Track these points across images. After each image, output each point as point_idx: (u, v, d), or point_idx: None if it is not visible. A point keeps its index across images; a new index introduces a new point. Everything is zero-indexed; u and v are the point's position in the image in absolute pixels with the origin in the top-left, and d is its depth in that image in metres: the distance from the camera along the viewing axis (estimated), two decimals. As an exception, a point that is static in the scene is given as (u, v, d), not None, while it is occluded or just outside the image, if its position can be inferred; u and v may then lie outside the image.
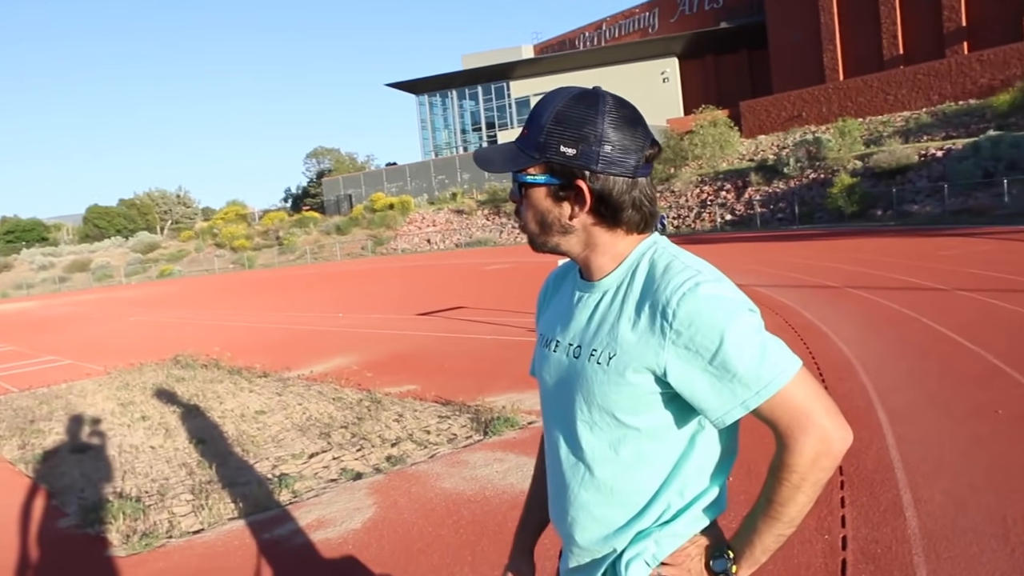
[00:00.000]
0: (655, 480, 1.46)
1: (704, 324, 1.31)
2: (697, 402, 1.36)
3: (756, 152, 43.21)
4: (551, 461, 1.60)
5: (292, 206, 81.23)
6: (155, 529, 4.96)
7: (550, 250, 1.51)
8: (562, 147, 1.39)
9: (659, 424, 1.43)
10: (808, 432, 1.32)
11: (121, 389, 10.02)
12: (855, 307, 10.63)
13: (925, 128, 36.48)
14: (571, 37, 68.37)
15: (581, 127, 1.38)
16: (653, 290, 1.38)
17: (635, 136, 1.41)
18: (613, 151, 1.39)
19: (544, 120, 1.40)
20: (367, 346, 12.00)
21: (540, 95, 7.30)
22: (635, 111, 1.44)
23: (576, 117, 1.38)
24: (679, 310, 1.32)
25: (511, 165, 1.45)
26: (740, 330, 1.32)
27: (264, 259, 57.76)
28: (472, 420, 6.75)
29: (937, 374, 6.74)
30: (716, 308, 1.32)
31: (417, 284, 24.56)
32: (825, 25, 46.35)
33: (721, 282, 1.36)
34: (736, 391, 1.32)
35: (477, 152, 1.52)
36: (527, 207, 1.48)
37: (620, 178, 1.40)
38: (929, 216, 27.81)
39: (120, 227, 78.56)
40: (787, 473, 1.34)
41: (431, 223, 54.59)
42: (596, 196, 1.41)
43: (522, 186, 1.46)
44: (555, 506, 1.60)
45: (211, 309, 23.65)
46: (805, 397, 1.33)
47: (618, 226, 1.45)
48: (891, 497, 4.22)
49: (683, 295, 1.33)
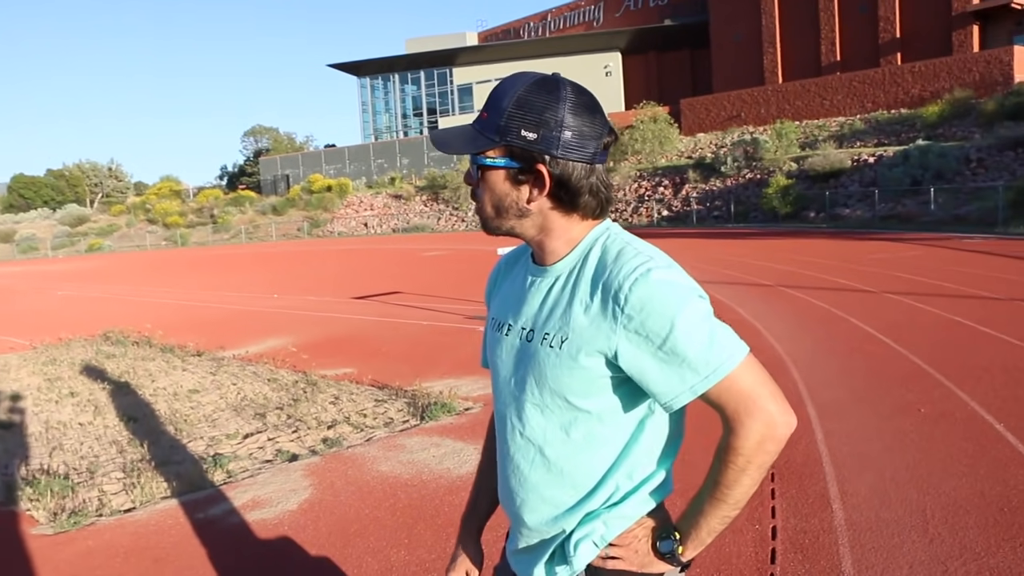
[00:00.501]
0: (605, 462, 1.49)
1: (655, 309, 1.34)
2: (647, 385, 1.39)
3: (695, 150, 43.80)
4: (501, 443, 1.63)
5: (228, 184, 79.84)
6: (84, 507, 4.87)
7: (504, 233, 1.52)
8: (523, 131, 1.40)
9: (610, 407, 1.46)
10: (754, 416, 1.36)
11: (48, 364, 9.78)
12: (787, 306, 10.88)
13: (859, 134, 37.37)
14: (516, 26, 68.33)
15: (542, 112, 1.40)
16: (606, 275, 1.41)
17: (594, 123, 1.44)
18: (573, 137, 1.41)
19: (505, 104, 1.41)
20: (302, 328, 11.89)
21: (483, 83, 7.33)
22: (593, 99, 1.47)
23: (537, 102, 1.40)
24: (631, 295, 1.35)
25: (470, 147, 1.46)
26: (690, 316, 1.35)
27: (198, 237, 56.70)
28: (409, 405, 6.76)
29: (864, 373, 6.95)
30: (667, 294, 1.35)
31: (353, 268, 24.39)
32: (766, 28, 47.16)
33: (672, 268, 1.40)
34: (685, 376, 1.36)
35: (435, 133, 1.52)
36: (484, 189, 1.48)
37: (579, 164, 1.43)
38: (860, 220, 28.52)
39: (47, 198, 76.17)
40: (733, 456, 1.38)
41: (369, 207, 54.20)
42: (555, 181, 1.43)
43: (480, 168, 1.47)
44: (504, 488, 1.62)
45: (142, 286, 23.15)
46: (752, 382, 1.37)
47: (574, 211, 1.47)
48: (819, 489, 4.35)
49: (635, 280, 1.36)
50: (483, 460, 1.89)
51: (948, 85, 36.59)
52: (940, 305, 9.97)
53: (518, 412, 1.55)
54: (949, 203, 26.73)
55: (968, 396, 5.95)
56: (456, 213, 48.72)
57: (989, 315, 9.10)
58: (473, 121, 1.49)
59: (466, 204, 48.53)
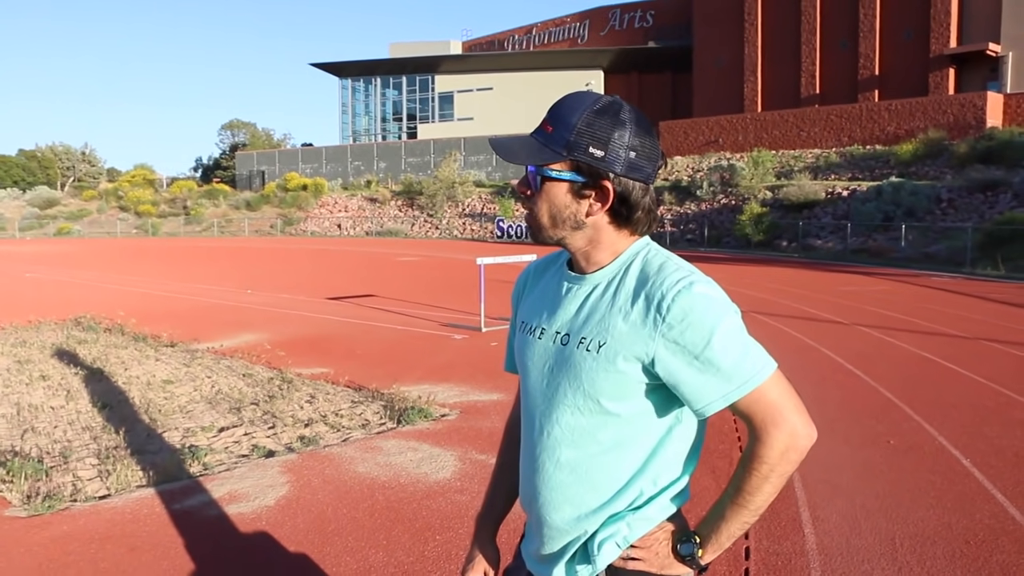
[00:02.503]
0: (631, 466, 1.55)
1: (695, 320, 1.43)
2: (682, 392, 1.47)
3: (671, 172, 44.11)
4: (527, 443, 1.67)
5: (202, 176, 79.29)
6: (59, 491, 4.84)
7: (555, 243, 1.59)
8: (591, 148, 1.48)
9: (641, 412, 1.53)
10: (780, 427, 1.45)
11: (17, 346, 9.68)
12: (759, 332, 11.01)
13: (833, 167, 37.87)
14: (500, 38, 68.60)
15: (611, 132, 1.48)
16: (648, 285, 1.48)
17: (654, 147, 1.53)
18: (637, 157, 1.50)
19: (574, 120, 1.49)
20: (277, 325, 11.85)
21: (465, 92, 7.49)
22: (650, 124, 1.56)
23: (606, 122, 1.48)
24: (673, 305, 1.43)
25: (537, 158, 1.52)
26: (727, 329, 1.44)
27: (169, 227, 56.17)
28: (385, 408, 6.77)
29: (835, 402, 7.07)
30: (707, 307, 1.44)
31: (327, 268, 24.31)
32: (748, 56, 47.74)
33: (711, 284, 1.49)
34: (719, 385, 1.44)
35: (497, 140, 1.59)
36: (542, 200, 1.55)
37: (638, 183, 1.52)
38: (831, 252, 28.90)
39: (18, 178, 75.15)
40: (757, 464, 1.47)
41: (343, 208, 54.02)
42: (617, 197, 1.51)
43: (543, 179, 1.53)
44: (527, 487, 1.67)
45: (112, 273, 22.92)
46: (779, 395, 1.47)
47: (626, 226, 1.56)
48: (792, 513, 4.44)
49: (678, 292, 1.44)
50: (500, 462, 1.94)
51: (923, 125, 37.22)
52: (909, 340, 10.16)
53: (548, 413, 1.60)
54: (919, 241, 27.18)
55: (936, 431, 6.08)
56: (430, 220, 48.68)
57: (957, 353, 9.28)
58: (534, 132, 1.55)
59: (441, 211, 48.51)
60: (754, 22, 47.43)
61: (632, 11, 59.89)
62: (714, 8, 49.66)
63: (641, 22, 59.22)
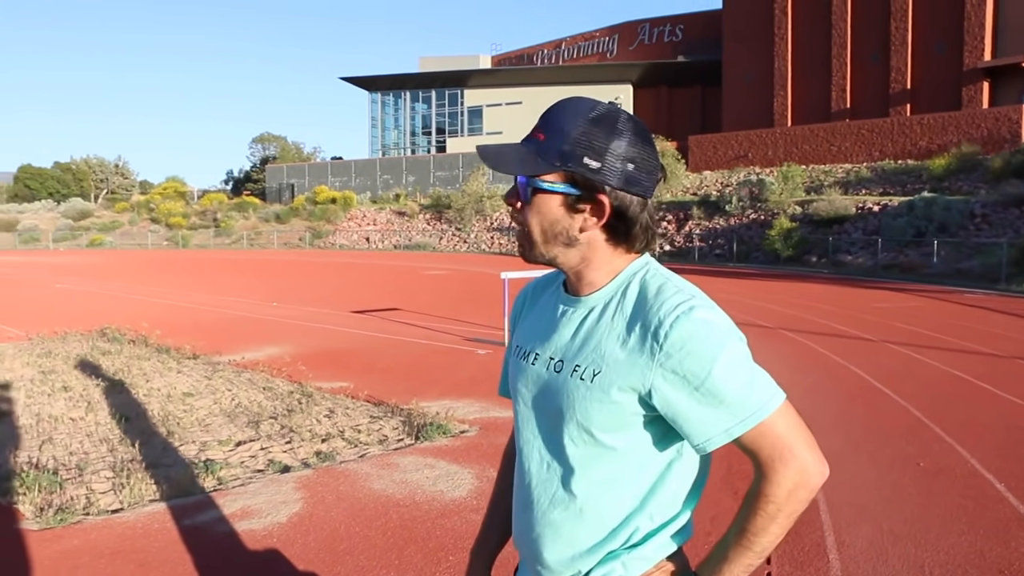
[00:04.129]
0: (628, 503, 1.45)
1: (695, 348, 1.31)
2: (681, 425, 1.36)
3: (700, 187, 43.92)
4: (520, 476, 1.58)
5: (233, 189, 79.96)
6: (72, 504, 4.81)
7: (545, 261, 1.48)
8: (587, 159, 1.38)
9: (637, 445, 1.42)
10: (788, 463, 1.33)
11: (43, 356, 9.72)
12: (787, 349, 10.84)
13: (864, 182, 37.48)
14: (529, 52, 68.74)
15: (609, 142, 1.38)
16: (645, 310, 1.38)
17: (654, 159, 1.43)
18: (635, 170, 1.40)
19: (569, 129, 1.39)
20: (300, 338, 11.84)
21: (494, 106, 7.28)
22: (651, 135, 1.45)
23: (604, 131, 1.38)
24: (672, 332, 1.32)
25: (527, 168, 1.42)
26: (730, 358, 1.33)
27: (199, 239, 56.68)
28: (404, 423, 6.70)
29: (863, 421, 6.91)
30: (709, 334, 1.33)
31: (354, 281, 24.35)
32: (778, 71, 47.43)
33: (714, 308, 1.37)
34: (721, 418, 1.33)
35: (485, 148, 1.47)
36: (532, 213, 1.44)
37: (636, 197, 1.41)
38: (861, 268, 28.54)
39: (53, 190, 76.22)
40: (764, 503, 1.35)
41: (372, 222, 54.22)
42: (614, 212, 1.41)
43: (534, 191, 1.43)
44: (521, 523, 1.57)
45: (141, 284, 23.10)
46: (787, 429, 1.35)
47: (622, 243, 1.45)
48: (816, 538, 4.30)
49: (677, 318, 1.33)
50: (496, 489, 1.84)
51: (956, 139, 36.75)
52: (941, 358, 9.94)
53: (541, 445, 1.51)
54: (952, 256, 26.76)
55: (968, 453, 5.90)
56: (459, 233, 48.71)
57: (991, 372, 9.06)
58: (524, 140, 1.45)
59: (469, 225, 48.54)
60: (784, 36, 47.13)
61: (661, 25, 59.79)
62: (744, 23, 49.42)
63: (670, 36, 59.10)
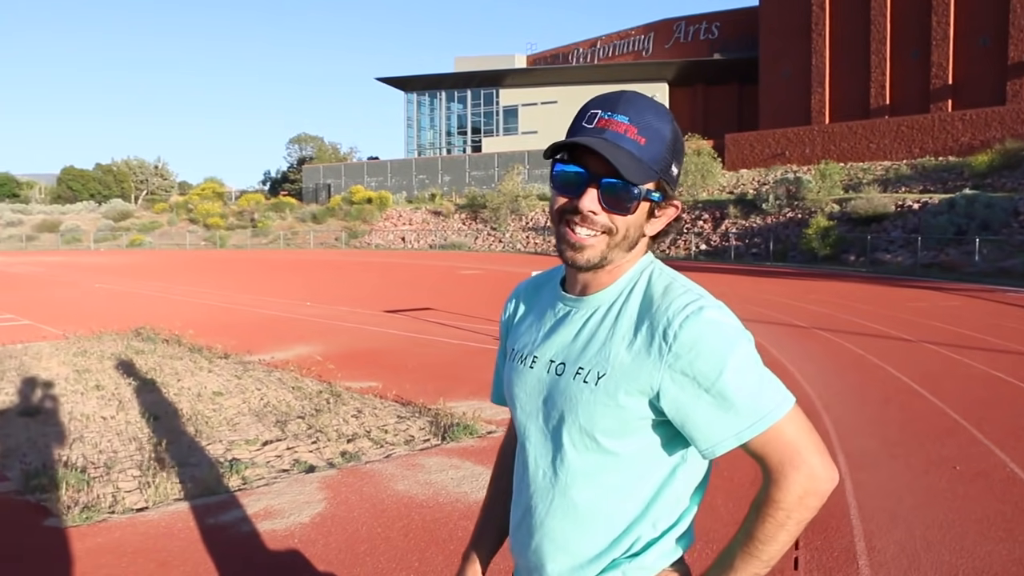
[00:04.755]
0: (630, 510, 1.40)
1: (705, 350, 1.27)
2: (689, 429, 1.31)
3: (737, 185, 43.56)
4: (519, 483, 1.53)
5: (270, 190, 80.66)
6: (98, 502, 4.83)
7: (594, 266, 1.37)
8: (673, 167, 1.35)
9: (641, 451, 1.37)
10: (798, 469, 1.28)
11: (78, 355, 9.83)
12: (821, 348, 10.68)
13: (904, 179, 36.95)
14: (565, 51, 68.58)
15: (682, 148, 1.36)
16: (652, 310, 1.33)
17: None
18: (678, 173, 1.38)
19: (666, 135, 1.33)
20: (331, 338, 11.87)
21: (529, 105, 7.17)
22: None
23: (680, 136, 1.37)
24: (681, 333, 1.28)
25: (643, 176, 1.31)
26: (741, 360, 1.28)
27: (236, 239, 57.23)
28: (431, 424, 6.67)
29: (898, 423, 6.77)
30: (719, 334, 1.28)
31: (388, 281, 24.42)
32: (816, 67, 46.87)
33: (722, 309, 1.32)
34: (731, 422, 1.28)
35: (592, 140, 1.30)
36: (622, 220, 1.35)
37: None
38: (900, 266, 28.12)
39: (94, 192, 77.40)
40: (773, 509, 1.30)
41: (408, 221, 54.41)
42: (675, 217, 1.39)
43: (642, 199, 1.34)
44: (519, 531, 1.52)
45: (178, 284, 23.36)
46: (797, 433, 1.30)
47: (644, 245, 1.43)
48: (845, 543, 4.20)
49: (686, 318, 1.28)
50: (491, 492, 1.77)
51: (999, 135, 36.10)
52: (981, 359, 9.72)
53: (541, 452, 1.46)
54: (994, 255, 26.26)
55: (1008, 457, 5.75)
56: (494, 233, 48.71)
57: (1031, 373, 8.84)
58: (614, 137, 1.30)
59: (504, 225, 48.53)
60: (822, 32, 46.56)
61: (697, 23, 59.35)
62: (781, 19, 48.89)
63: (706, 34, 58.65)
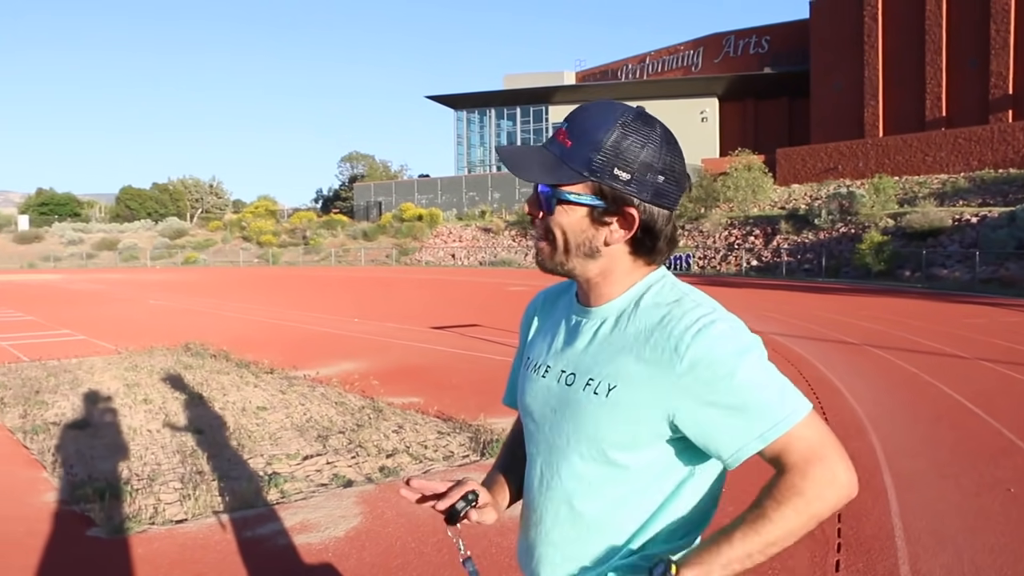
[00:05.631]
0: (634, 523, 1.38)
1: (717, 361, 1.25)
2: (707, 442, 1.29)
3: (788, 200, 43.05)
4: (527, 493, 1.53)
5: (322, 207, 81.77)
6: (139, 514, 4.89)
7: (563, 272, 1.42)
8: (616, 170, 1.31)
9: (649, 464, 1.35)
10: (823, 464, 1.26)
11: (129, 370, 10.01)
12: (872, 366, 10.46)
13: (961, 193, 36.20)
14: (614, 68, 68.61)
15: (639, 153, 1.32)
16: (663, 325, 1.31)
17: (683, 169, 1.37)
18: (666, 182, 1.34)
19: (600, 137, 1.32)
20: (377, 353, 11.94)
21: None
22: (678, 144, 1.39)
23: (636, 141, 1.32)
24: (692, 347, 1.26)
25: (550, 176, 1.35)
26: (754, 368, 1.27)
27: (289, 257, 58.04)
28: (471, 439, 6.65)
29: (950, 443, 6.59)
30: (729, 346, 1.27)
31: (437, 297, 24.54)
32: (869, 80, 46.26)
33: (733, 321, 1.31)
34: (752, 425, 1.26)
35: (506, 149, 1.41)
36: (555, 224, 1.37)
37: (663, 210, 1.36)
38: (958, 282, 27.51)
39: (151, 210, 79.25)
40: (792, 493, 1.25)
41: (457, 238, 54.68)
42: (642, 225, 1.35)
43: (558, 201, 1.36)
44: (525, 541, 1.52)
45: (230, 300, 23.72)
46: (820, 436, 1.28)
47: (644, 256, 1.39)
48: (889, 566, 4.08)
49: (697, 332, 1.27)
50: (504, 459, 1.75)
51: (1061, 147, 35.25)
52: (1038, 377, 9.44)
53: (549, 461, 1.45)
54: (1055, 270, 25.58)
55: (1062, 477, 5.56)
56: (543, 249, 48.71)
57: (1091, 391, 8.56)
58: (549, 144, 1.37)
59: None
60: (874, 44, 45.96)
61: (747, 37, 59.00)
62: (832, 31, 48.39)
63: (756, 48, 58.25)
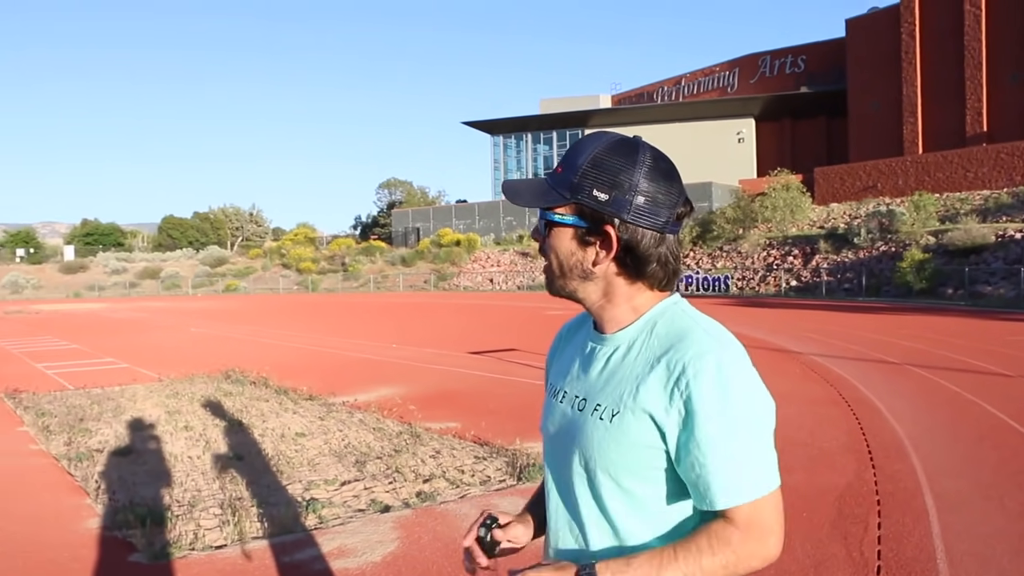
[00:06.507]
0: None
1: (715, 401, 1.28)
2: (684, 478, 1.34)
3: (827, 220, 42.65)
4: (547, 520, 1.57)
5: (360, 234, 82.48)
6: (180, 539, 4.97)
7: (567, 295, 1.47)
8: (595, 191, 1.36)
9: (656, 494, 1.38)
10: (766, 540, 1.30)
11: (170, 397, 10.17)
12: (913, 385, 10.32)
13: (1004, 208, 35.62)
14: (649, 90, 68.66)
15: (617, 174, 1.36)
16: (669, 354, 1.34)
17: (670, 191, 1.39)
18: (646, 203, 1.37)
19: (580, 161, 1.39)
20: (415, 379, 12.01)
21: None
22: (672, 166, 1.42)
23: (614, 163, 1.36)
24: (693, 382, 1.29)
25: (539, 201, 1.43)
26: (751, 420, 1.30)
27: (328, 283, 58.56)
28: (508, 464, 6.67)
29: (993, 463, 6.48)
30: (732, 388, 1.29)
31: (475, 322, 24.61)
32: (907, 97, 45.84)
33: (742, 360, 1.34)
34: (722, 482, 1.29)
35: (507, 183, 1.48)
36: (549, 247, 1.45)
37: (649, 231, 1.38)
38: (1002, 299, 27.03)
39: (192, 239, 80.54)
40: (727, 551, 1.29)
41: (495, 263, 54.83)
42: (623, 245, 1.38)
43: (548, 224, 1.44)
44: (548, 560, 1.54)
45: (270, 327, 23.98)
46: (774, 511, 1.32)
47: (640, 279, 1.42)
48: (928, 588, 4.04)
49: (702, 367, 1.30)
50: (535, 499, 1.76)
51: (1106, 161, 34.61)
52: (1085, 395, 9.26)
53: (560, 485, 1.49)
54: (1103, 286, 25.07)
55: (1108, 497, 5.45)
56: (580, 272, 48.69)
57: None
58: (546, 174, 1.45)
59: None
60: (912, 61, 45.57)
61: (783, 57, 58.77)
62: (869, 49, 48.09)
63: (792, 68, 58.00)
